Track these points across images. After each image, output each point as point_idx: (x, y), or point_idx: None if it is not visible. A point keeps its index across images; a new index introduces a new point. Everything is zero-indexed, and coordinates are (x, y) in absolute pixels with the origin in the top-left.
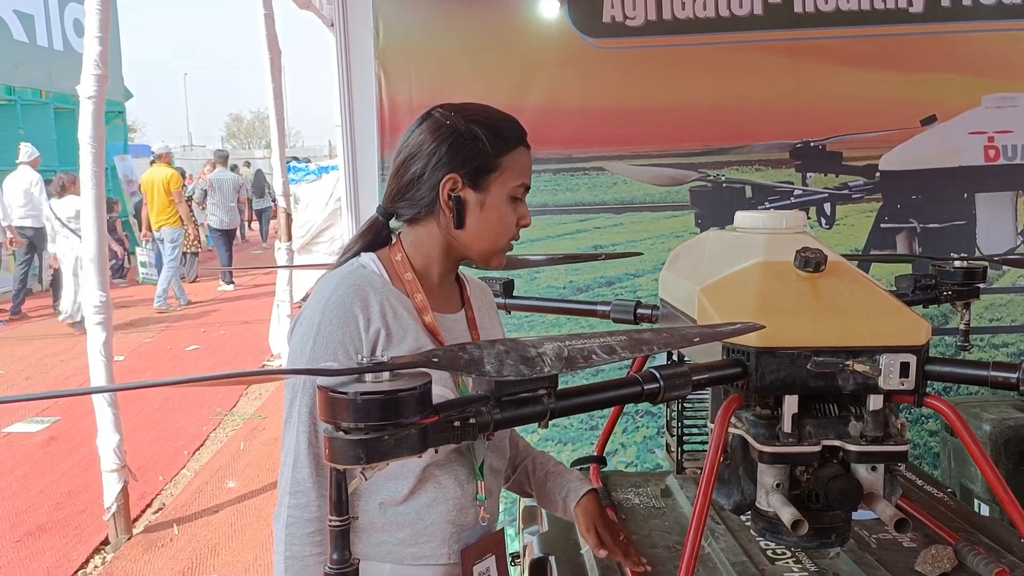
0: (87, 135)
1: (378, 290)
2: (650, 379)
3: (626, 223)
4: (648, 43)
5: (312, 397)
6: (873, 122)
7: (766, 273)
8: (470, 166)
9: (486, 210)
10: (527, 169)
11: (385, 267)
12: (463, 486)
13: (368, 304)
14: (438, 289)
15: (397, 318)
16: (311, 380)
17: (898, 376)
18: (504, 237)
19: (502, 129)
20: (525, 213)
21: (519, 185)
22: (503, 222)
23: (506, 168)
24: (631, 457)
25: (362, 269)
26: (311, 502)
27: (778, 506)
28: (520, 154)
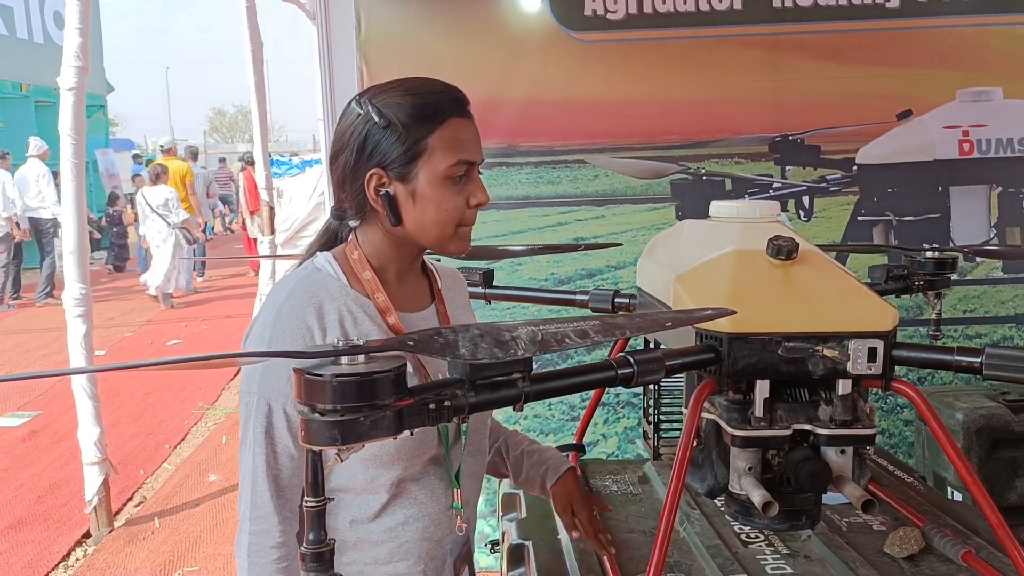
0: (67, 127)
1: (335, 295)
2: (624, 364)
3: (607, 215)
4: (629, 36)
5: (266, 416)
6: (850, 116)
7: (739, 261)
8: (391, 157)
9: (419, 200)
10: (465, 143)
11: (342, 267)
12: (440, 499)
13: (323, 312)
14: (401, 286)
15: (357, 324)
16: (264, 399)
17: (866, 361)
18: (449, 224)
19: (424, 106)
20: (476, 190)
21: (455, 164)
22: (442, 208)
23: (435, 149)
24: (611, 448)
25: (317, 273)
26: (273, 527)
27: (750, 489)
28: (452, 128)
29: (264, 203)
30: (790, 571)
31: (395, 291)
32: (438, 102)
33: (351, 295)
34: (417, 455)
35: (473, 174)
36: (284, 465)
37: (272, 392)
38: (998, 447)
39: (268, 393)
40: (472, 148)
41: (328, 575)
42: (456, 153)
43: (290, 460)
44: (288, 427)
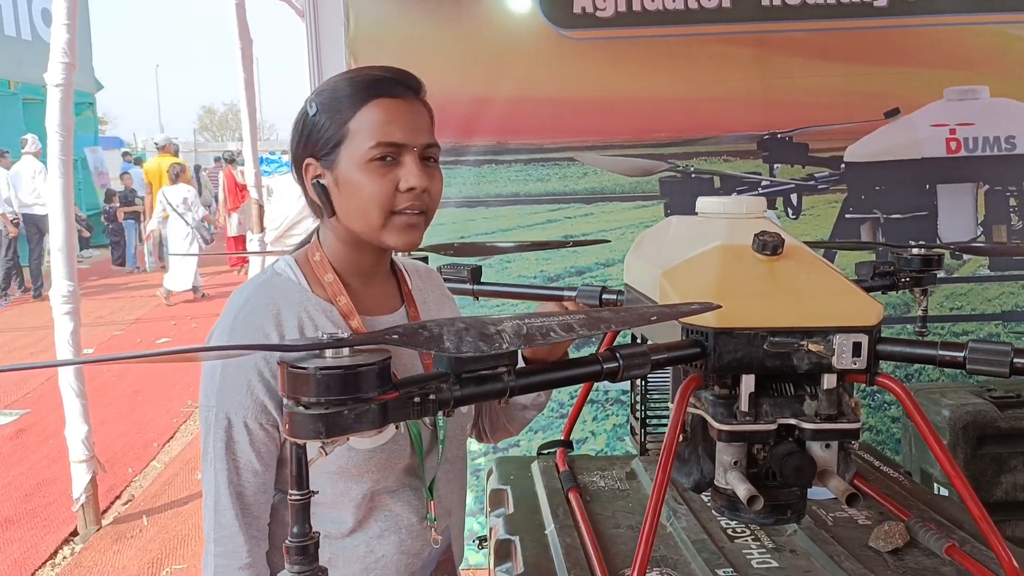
0: (55, 124)
1: (294, 300)
2: (609, 358)
3: (596, 213)
4: (618, 34)
5: (226, 431)
6: (838, 114)
7: (725, 256)
8: (317, 145)
9: (341, 187)
10: (388, 124)
11: (304, 271)
12: (417, 511)
13: (282, 319)
14: (367, 288)
15: (318, 330)
16: (223, 413)
17: (851, 355)
18: (374, 210)
19: (345, 89)
20: (408, 174)
21: (374, 146)
22: (362, 194)
23: (355, 132)
24: (600, 445)
25: (276, 278)
26: (239, 547)
27: (735, 483)
28: (375, 109)
29: (254, 201)
30: (776, 565)
31: (360, 294)
32: (361, 83)
33: (312, 300)
34: (388, 466)
35: (405, 158)
36: (248, 481)
37: (231, 405)
38: (984, 443)
39: (227, 406)
40: (398, 130)
41: (312, 569)
42: (376, 135)
43: (254, 476)
44: (250, 441)
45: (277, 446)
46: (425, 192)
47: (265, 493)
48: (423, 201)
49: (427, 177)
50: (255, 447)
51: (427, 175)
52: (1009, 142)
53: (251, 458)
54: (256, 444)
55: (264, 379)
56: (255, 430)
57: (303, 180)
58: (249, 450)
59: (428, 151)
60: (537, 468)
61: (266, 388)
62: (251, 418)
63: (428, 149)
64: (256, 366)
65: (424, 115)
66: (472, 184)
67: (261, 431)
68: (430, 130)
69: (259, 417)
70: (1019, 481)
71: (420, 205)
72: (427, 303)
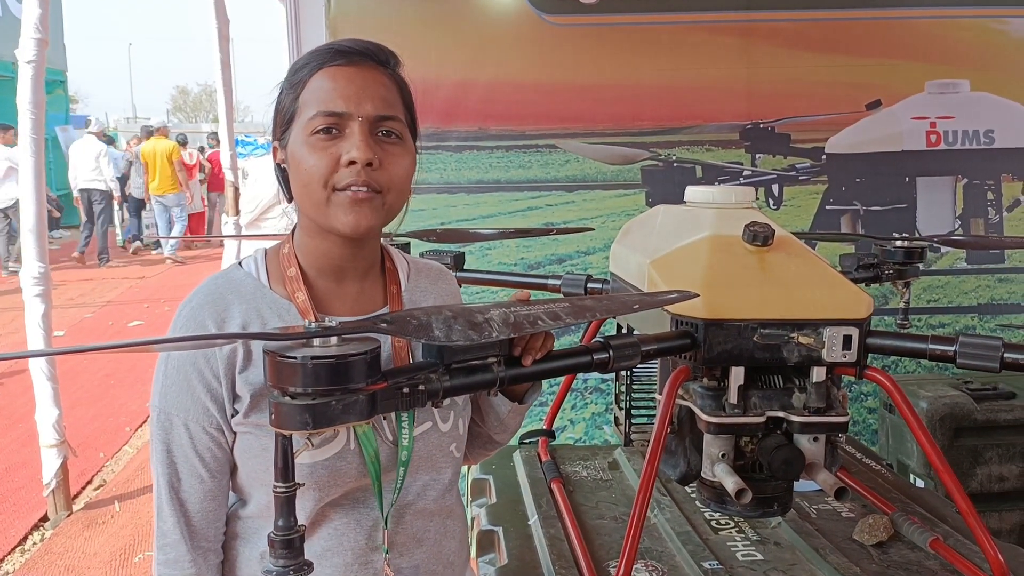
0: (26, 100)
1: (247, 297)
2: (600, 349)
3: (578, 201)
4: (602, 21)
5: (167, 433)
6: (821, 105)
7: (715, 247)
8: (279, 124)
9: (290, 163)
10: (331, 92)
11: (270, 265)
12: (369, 533)
13: (226, 316)
14: (341, 286)
15: (264, 330)
16: (165, 413)
17: (840, 348)
18: (314, 185)
19: (303, 61)
20: (351, 146)
21: (314, 116)
22: (302, 168)
23: (302, 105)
24: (579, 433)
25: (235, 271)
26: (182, 558)
27: (723, 476)
28: (321, 77)
29: (229, 183)
30: (760, 557)
31: (329, 291)
32: (318, 54)
33: (267, 297)
34: (333, 484)
35: (351, 129)
36: (191, 488)
37: (172, 406)
38: (960, 435)
39: (168, 407)
40: (339, 98)
41: (298, 563)
42: (316, 105)
43: (199, 483)
44: (192, 445)
45: (225, 451)
46: (373, 168)
47: (213, 501)
48: (372, 178)
49: (377, 151)
50: (198, 452)
51: (378, 150)
52: (988, 136)
53: (195, 463)
54: (199, 448)
55: (205, 380)
56: (197, 433)
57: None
58: (192, 454)
59: (384, 124)
60: (519, 457)
61: (207, 389)
62: (192, 420)
63: (383, 122)
64: (196, 365)
65: (384, 86)
66: (452, 170)
67: (204, 435)
68: (389, 102)
69: (201, 420)
70: (994, 472)
71: (367, 181)
72: (419, 306)
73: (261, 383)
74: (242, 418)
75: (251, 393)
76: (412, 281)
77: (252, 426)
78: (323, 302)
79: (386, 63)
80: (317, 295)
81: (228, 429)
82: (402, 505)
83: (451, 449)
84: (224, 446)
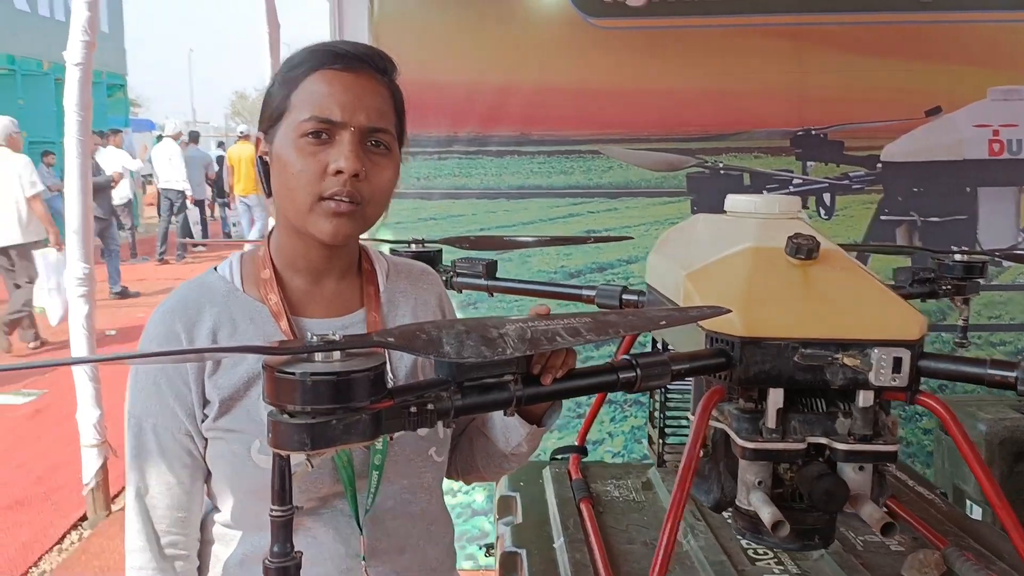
0: (73, 102)
1: (218, 300)
2: (626, 367)
3: (620, 208)
4: (649, 24)
5: (136, 437)
6: (876, 111)
7: (755, 259)
8: (265, 118)
9: (274, 163)
10: (325, 98)
11: (244, 268)
12: (348, 541)
13: (196, 321)
14: (318, 287)
15: (235, 334)
16: (135, 417)
17: (890, 372)
18: (301, 192)
19: (299, 58)
20: (339, 155)
21: (306, 119)
22: (288, 173)
23: (294, 104)
24: (618, 447)
25: (209, 275)
26: (146, 565)
27: (759, 505)
28: (316, 80)
29: None
30: None
31: (306, 293)
32: (315, 53)
33: (240, 300)
34: (303, 491)
35: (341, 137)
36: (158, 494)
37: (142, 411)
38: (1021, 460)
39: (138, 411)
40: (335, 104)
41: None
42: (311, 107)
43: (167, 489)
44: (160, 450)
45: (196, 459)
46: (359, 179)
47: (181, 510)
48: (357, 189)
49: (365, 162)
50: (166, 458)
51: (366, 160)
52: None
53: (163, 470)
54: (167, 455)
55: (174, 385)
56: (166, 439)
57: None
58: (160, 460)
59: (375, 135)
60: (549, 474)
61: (175, 394)
62: (161, 426)
63: (374, 133)
64: (165, 370)
65: (379, 96)
66: (493, 175)
67: (173, 441)
68: (383, 113)
69: (169, 425)
70: None
71: (351, 193)
72: (399, 307)
73: (231, 387)
74: (211, 423)
75: (220, 398)
76: (391, 282)
77: (222, 431)
78: (298, 303)
79: (384, 71)
80: (292, 296)
81: (198, 435)
82: (381, 511)
83: (430, 453)
84: (194, 453)
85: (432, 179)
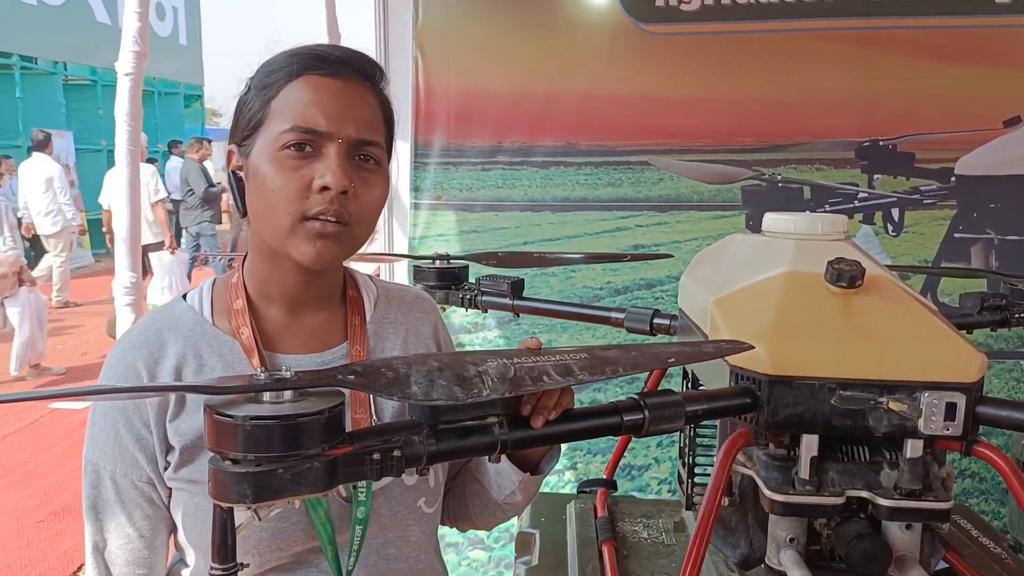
0: (123, 112)
1: (185, 333)
2: (632, 408)
3: (670, 222)
4: (704, 29)
5: (93, 486)
6: (950, 121)
7: (790, 286)
8: (239, 129)
9: (250, 179)
10: (308, 106)
11: (215, 296)
12: None
13: (159, 356)
14: (297, 318)
15: (201, 372)
16: (91, 463)
17: (942, 419)
18: (280, 211)
19: (278, 62)
20: (325, 170)
21: (288, 129)
22: (266, 189)
23: (273, 114)
24: (664, 474)
25: (176, 304)
26: None
27: (789, 566)
28: (300, 86)
29: None
30: None
31: (281, 324)
32: (298, 57)
33: (209, 333)
34: (276, 548)
35: (327, 150)
36: (118, 549)
37: (100, 456)
38: None
39: (96, 457)
40: (320, 113)
41: None
42: (292, 117)
43: (126, 543)
44: (119, 500)
45: (159, 509)
46: (347, 196)
47: (143, 567)
48: (344, 208)
49: (353, 178)
50: (126, 509)
51: (354, 176)
52: None
53: (121, 521)
54: (127, 505)
55: (134, 428)
56: (125, 488)
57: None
58: (119, 511)
59: (364, 149)
60: (573, 510)
61: (136, 439)
62: (120, 473)
63: (364, 147)
64: (125, 412)
65: (369, 106)
66: (538, 187)
67: (133, 490)
68: (372, 125)
69: (129, 472)
70: None
71: (338, 212)
72: (387, 339)
73: (194, 433)
74: (173, 472)
75: (182, 445)
76: (380, 311)
77: (185, 482)
78: (273, 337)
79: (372, 78)
80: (267, 329)
81: (161, 483)
82: (365, 566)
83: (419, 504)
84: (157, 503)
85: (475, 190)
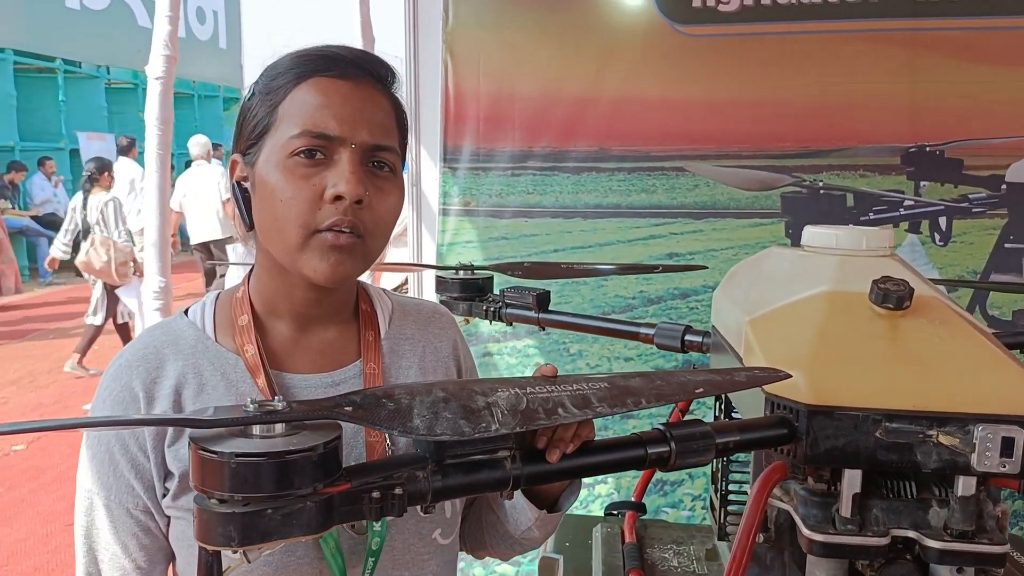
0: (153, 116)
1: (185, 351)
2: (657, 440)
3: (706, 230)
4: (742, 31)
5: (87, 515)
6: (1001, 127)
7: (832, 306)
8: (244, 136)
9: (256, 189)
10: (318, 109)
11: (219, 312)
12: None
13: (158, 376)
14: (305, 335)
15: (202, 392)
16: (85, 491)
17: (998, 455)
18: (290, 223)
19: (284, 64)
20: (338, 178)
21: (298, 134)
22: (275, 199)
23: (282, 118)
24: (698, 489)
25: (177, 320)
26: None
27: None
28: (309, 89)
29: None
30: None
31: (290, 341)
32: (305, 58)
33: (211, 351)
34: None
35: (339, 156)
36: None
37: (95, 483)
38: None
39: (90, 485)
40: (332, 117)
41: None
42: (301, 122)
43: (121, 574)
44: (113, 529)
45: (156, 539)
46: (361, 206)
47: None
48: (358, 218)
49: (367, 186)
50: (120, 538)
51: (369, 184)
52: None
53: (116, 552)
54: (122, 536)
55: (129, 452)
56: (120, 517)
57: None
58: (113, 541)
59: (378, 155)
60: (599, 534)
61: (132, 464)
62: (115, 502)
63: (378, 152)
64: (120, 436)
65: (382, 109)
66: (569, 193)
67: (128, 519)
68: (386, 129)
69: (125, 501)
70: None
71: (352, 223)
72: (404, 357)
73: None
74: (171, 500)
75: (180, 472)
76: (395, 326)
77: (183, 510)
78: (280, 355)
79: (384, 79)
80: (273, 346)
81: (159, 512)
82: None
83: (434, 536)
84: (155, 532)
85: (505, 196)
